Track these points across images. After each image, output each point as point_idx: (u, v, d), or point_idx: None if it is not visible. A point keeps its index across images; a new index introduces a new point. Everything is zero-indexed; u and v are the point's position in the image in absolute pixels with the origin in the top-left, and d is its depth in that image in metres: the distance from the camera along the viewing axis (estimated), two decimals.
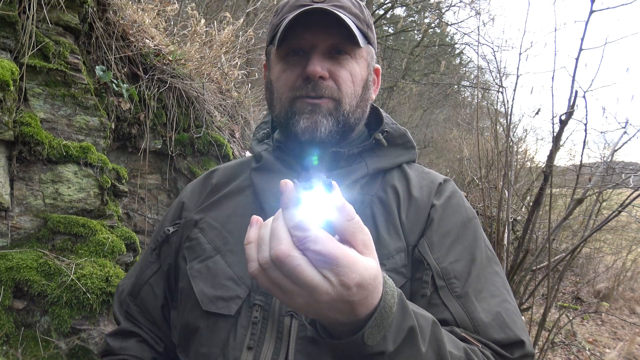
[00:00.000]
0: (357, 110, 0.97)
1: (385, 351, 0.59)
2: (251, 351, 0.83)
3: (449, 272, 0.87)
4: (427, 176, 1.03)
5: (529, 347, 0.84)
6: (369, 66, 1.01)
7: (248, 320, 0.86)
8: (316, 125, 0.92)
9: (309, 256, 0.51)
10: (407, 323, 0.61)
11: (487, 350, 0.79)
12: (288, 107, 0.95)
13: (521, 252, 3.63)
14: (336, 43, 0.93)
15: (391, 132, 1.04)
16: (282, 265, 0.51)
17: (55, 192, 2.23)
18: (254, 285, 0.89)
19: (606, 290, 7.85)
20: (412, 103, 10.15)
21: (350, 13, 0.94)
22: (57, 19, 2.38)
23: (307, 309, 0.55)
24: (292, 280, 0.52)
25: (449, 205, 0.97)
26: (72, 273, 1.97)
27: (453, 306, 0.84)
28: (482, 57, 11.65)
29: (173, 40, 3.50)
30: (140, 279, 1.11)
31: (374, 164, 1.00)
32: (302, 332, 0.83)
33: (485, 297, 0.86)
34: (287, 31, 0.91)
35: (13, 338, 1.89)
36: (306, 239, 0.51)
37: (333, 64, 0.93)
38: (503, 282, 0.92)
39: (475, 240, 0.94)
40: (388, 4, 10.19)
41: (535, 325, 3.91)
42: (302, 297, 0.53)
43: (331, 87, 0.93)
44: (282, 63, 0.96)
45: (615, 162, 4.02)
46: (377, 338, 0.58)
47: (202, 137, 3.16)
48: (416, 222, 0.94)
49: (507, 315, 0.85)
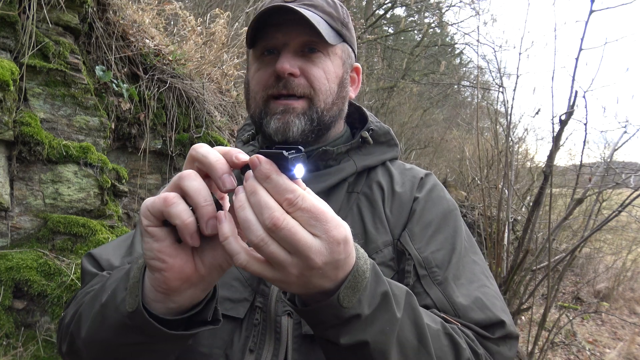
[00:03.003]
0: (332, 108, 0.98)
1: (361, 314, 0.60)
2: (252, 354, 0.83)
3: (431, 261, 0.89)
4: (409, 172, 1.05)
5: (510, 327, 0.85)
6: (345, 64, 1.01)
7: (250, 323, 0.86)
8: (288, 126, 0.92)
9: (299, 217, 0.53)
10: (381, 288, 0.62)
11: (467, 330, 0.81)
12: (262, 106, 0.96)
13: (521, 252, 3.63)
14: (307, 41, 0.93)
15: (376, 130, 1.05)
16: (279, 230, 0.52)
17: (55, 192, 2.23)
18: (255, 287, 0.89)
19: (606, 290, 7.85)
20: (412, 103, 10.14)
21: (323, 12, 0.95)
22: (57, 19, 2.38)
23: (298, 282, 0.56)
24: (287, 248, 0.53)
25: (430, 197, 0.99)
26: (72, 273, 1.97)
27: (434, 292, 0.86)
28: (482, 57, 11.67)
29: (173, 40, 3.50)
30: (136, 255, 0.97)
31: (362, 161, 1.01)
32: (297, 330, 0.84)
33: (464, 283, 0.88)
34: (260, 32, 0.93)
35: (13, 338, 1.89)
36: (297, 198, 0.53)
37: (305, 61, 0.94)
38: (482, 269, 0.94)
39: (455, 231, 0.95)
40: (388, 4, 10.19)
41: (535, 325, 3.91)
42: (296, 267, 0.54)
43: (303, 84, 0.93)
44: (257, 63, 0.97)
45: (615, 162, 4.02)
46: (353, 300, 0.59)
47: (202, 137, 3.16)
48: (400, 216, 0.96)
49: (486, 299, 0.86)
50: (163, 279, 0.60)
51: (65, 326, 0.79)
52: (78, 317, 0.75)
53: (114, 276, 0.73)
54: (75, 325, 0.75)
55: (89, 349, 0.73)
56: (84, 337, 0.72)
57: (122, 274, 0.70)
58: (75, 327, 0.75)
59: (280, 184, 0.53)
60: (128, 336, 0.66)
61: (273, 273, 0.56)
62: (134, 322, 0.64)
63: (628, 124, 3.51)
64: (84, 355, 0.74)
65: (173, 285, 0.60)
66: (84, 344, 0.73)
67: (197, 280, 0.62)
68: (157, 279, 0.61)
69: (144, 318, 0.62)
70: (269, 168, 0.54)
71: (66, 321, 0.80)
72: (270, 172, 0.54)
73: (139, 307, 0.62)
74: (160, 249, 0.58)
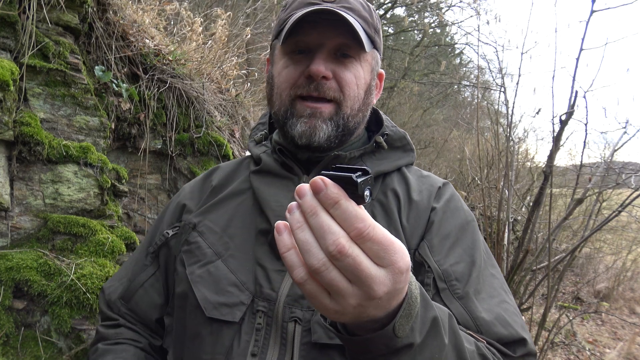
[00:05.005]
0: (357, 115, 0.96)
1: (413, 343, 0.57)
2: (255, 358, 0.82)
3: (450, 274, 0.87)
4: (426, 180, 1.03)
5: (531, 345, 0.84)
6: (373, 71, 1.00)
7: (252, 327, 0.85)
8: (314, 130, 0.91)
9: (368, 247, 0.49)
10: (430, 313, 0.60)
11: (492, 348, 0.79)
12: (288, 105, 0.94)
13: (521, 252, 3.63)
14: (342, 45, 0.91)
15: (391, 134, 1.03)
16: (345, 258, 0.48)
17: (55, 192, 2.24)
18: (257, 292, 0.88)
19: (606, 290, 7.85)
20: (412, 103, 10.13)
21: (359, 16, 0.93)
22: (57, 19, 2.38)
23: (354, 312, 0.52)
24: (350, 277, 0.49)
25: (448, 208, 0.97)
26: (72, 273, 1.97)
27: (455, 307, 0.83)
28: (483, 57, 11.65)
29: (173, 40, 3.50)
30: (134, 283, 1.06)
31: (375, 167, 0.99)
32: (306, 337, 0.83)
33: (485, 297, 0.86)
34: (294, 27, 0.89)
35: (13, 338, 1.89)
36: (368, 229, 0.48)
37: (337, 65, 0.92)
38: (501, 284, 0.92)
39: (474, 243, 0.94)
40: (388, 4, 10.19)
41: (535, 325, 3.91)
42: (355, 297, 0.50)
43: (334, 88, 0.91)
44: (286, 59, 0.95)
45: (616, 162, 4.02)
46: (407, 329, 0.56)
47: (202, 137, 3.16)
48: (417, 225, 0.93)
49: (507, 315, 0.85)
50: None
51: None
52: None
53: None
54: None
55: None
56: None
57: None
58: None
59: (350, 212, 0.48)
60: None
61: (329, 301, 0.52)
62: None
63: (628, 124, 3.52)
64: None
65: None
66: None
67: None
68: None
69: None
70: (337, 192, 0.49)
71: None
72: (340, 198, 0.48)
73: None
74: None
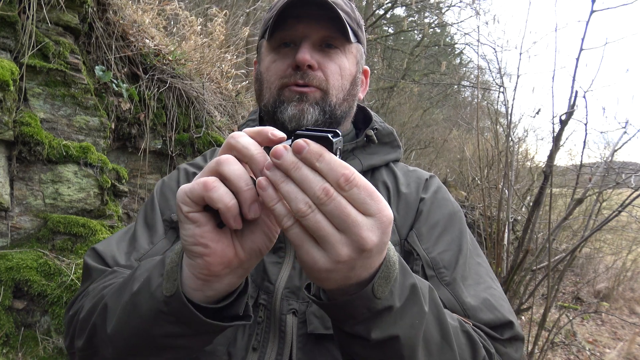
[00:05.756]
0: (343, 104, 0.99)
1: (393, 306, 0.58)
2: (256, 352, 0.83)
3: (438, 262, 0.90)
4: (413, 173, 1.07)
5: (518, 328, 0.86)
6: (359, 64, 1.03)
7: (253, 321, 0.85)
8: (303, 114, 0.93)
9: (354, 194, 0.50)
10: (409, 280, 0.61)
11: (478, 330, 0.81)
12: (276, 95, 0.96)
13: (521, 252, 3.63)
14: (327, 36, 0.95)
15: (380, 129, 1.06)
16: (330, 201, 0.49)
17: (55, 192, 2.23)
18: (258, 284, 0.89)
19: (606, 290, 7.85)
20: (412, 103, 10.15)
21: (342, 10, 0.96)
22: (57, 19, 2.38)
23: (344, 269, 0.52)
24: (336, 223, 0.50)
25: (436, 198, 1.01)
26: (72, 273, 1.97)
27: (443, 293, 0.86)
28: (483, 57, 11.67)
29: (173, 40, 3.50)
30: (153, 250, 0.96)
31: (367, 161, 1.02)
32: (302, 329, 0.84)
33: (471, 284, 0.89)
34: (279, 23, 0.93)
35: (13, 338, 1.89)
36: (354, 174, 0.50)
37: (322, 56, 0.95)
38: (487, 271, 0.95)
39: (461, 232, 0.97)
40: (388, 4, 10.19)
41: (535, 325, 3.91)
42: (346, 247, 0.51)
43: (319, 77, 0.94)
44: (273, 54, 0.98)
45: (615, 162, 4.02)
46: (385, 291, 0.56)
47: (202, 137, 3.16)
48: (407, 216, 0.97)
49: (494, 300, 0.87)
50: (205, 264, 0.59)
51: (82, 320, 0.77)
52: (102, 309, 0.73)
53: (144, 266, 0.72)
54: (99, 317, 0.73)
55: (114, 342, 0.70)
56: (110, 329, 0.70)
57: (155, 262, 0.69)
58: (99, 319, 0.73)
59: (335, 160, 0.51)
60: (160, 326, 0.64)
61: (317, 251, 0.52)
62: (169, 308, 0.62)
63: (628, 124, 3.52)
64: (107, 351, 0.71)
65: (215, 270, 0.59)
66: (110, 336, 0.70)
67: (236, 265, 0.61)
68: (198, 265, 0.59)
69: (182, 302, 0.60)
70: (320, 147, 0.51)
71: (82, 315, 0.77)
72: (323, 150, 0.51)
73: (177, 291, 0.61)
74: (202, 234, 0.57)
